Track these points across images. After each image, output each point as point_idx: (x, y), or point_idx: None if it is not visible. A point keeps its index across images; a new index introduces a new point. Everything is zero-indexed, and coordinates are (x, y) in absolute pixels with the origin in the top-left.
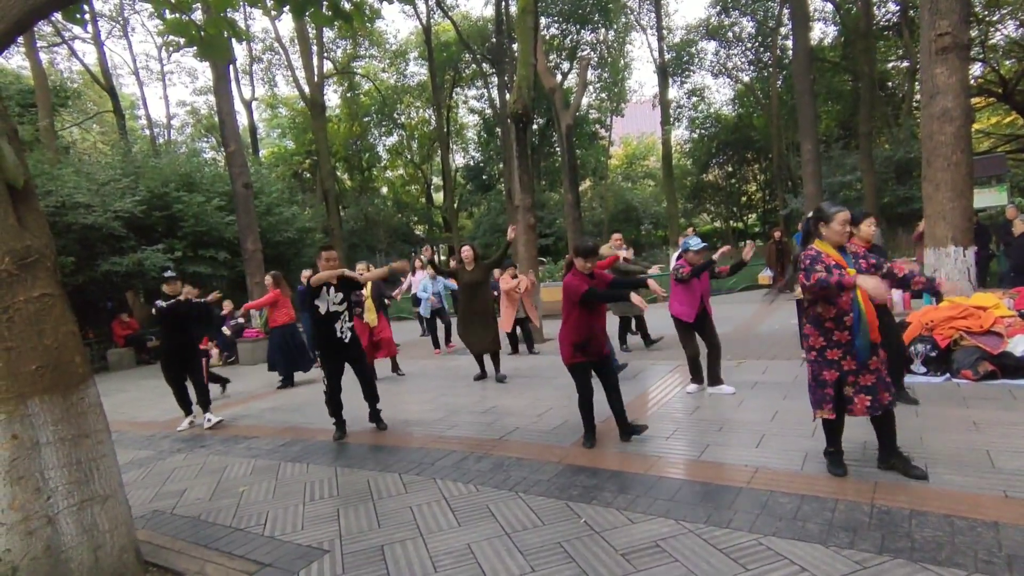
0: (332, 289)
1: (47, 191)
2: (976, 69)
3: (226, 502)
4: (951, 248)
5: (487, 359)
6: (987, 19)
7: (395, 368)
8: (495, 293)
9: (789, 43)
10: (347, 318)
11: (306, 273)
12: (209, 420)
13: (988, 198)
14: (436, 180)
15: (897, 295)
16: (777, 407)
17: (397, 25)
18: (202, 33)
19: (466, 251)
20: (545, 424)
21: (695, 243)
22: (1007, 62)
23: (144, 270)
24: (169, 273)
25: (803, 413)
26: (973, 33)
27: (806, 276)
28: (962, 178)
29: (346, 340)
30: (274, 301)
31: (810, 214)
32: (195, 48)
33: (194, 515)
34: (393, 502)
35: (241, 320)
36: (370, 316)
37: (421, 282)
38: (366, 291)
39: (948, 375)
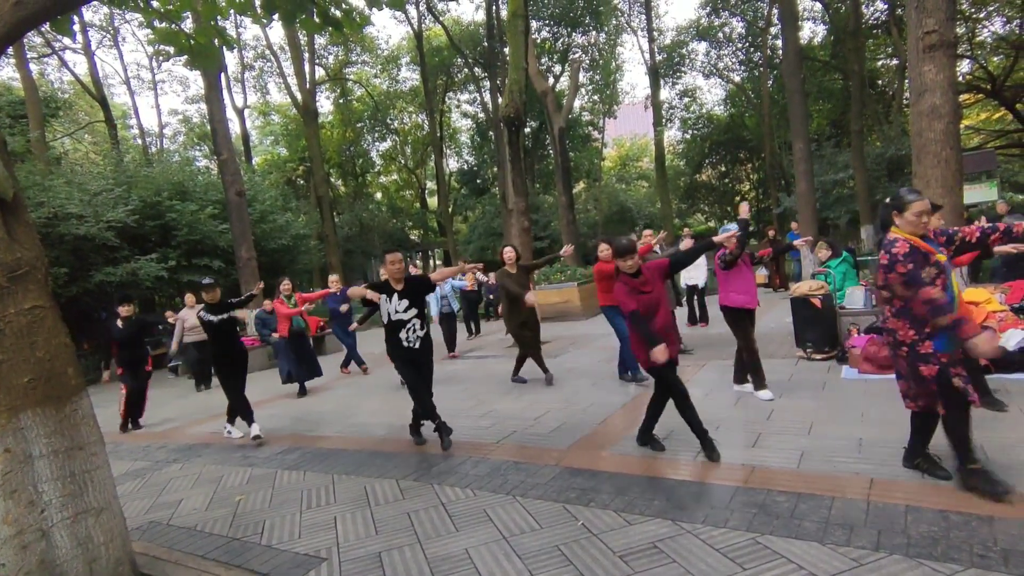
0: (395, 296)
1: (39, 202)
2: (964, 66)
3: (223, 511)
4: None
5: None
6: (974, 16)
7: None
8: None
9: (779, 43)
10: (416, 326)
11: (355, 290)
12: (229, 432)
13: (979, 194)
14: (430, 185)
15: None
16: (773, 405)
17: (388, 31)
18: (192, 42)
19: (508, 252)
20: (542, 427)
21: (725, 228)
22: (995, 58)
23: (138, 280)
24: (207, 280)
25: (799, 411)
26: (960, 30)
27: (908, 277)
28: (952, 174)
29: (415, 347)
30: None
31: (888, 200)
32: (186, 57)
33: (190, 525)
34: (390, 508)
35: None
36: None
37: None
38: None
39: None
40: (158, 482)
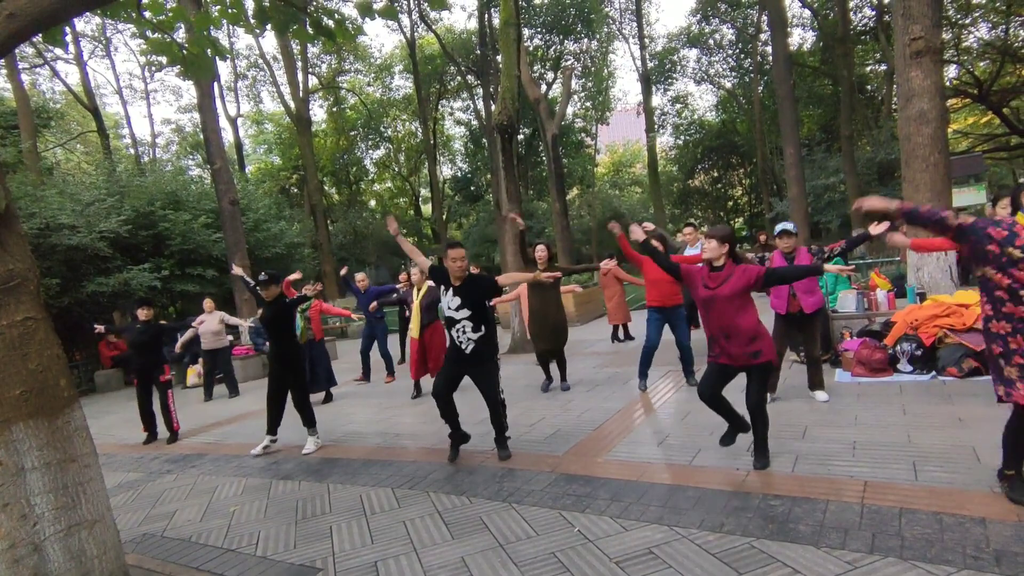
0: (450, 291)
1: (31, 213)
2: (951, 71)
3: (217, 522)
4: None
5: (553, 366)
6: (959, 22)
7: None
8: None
9: (769, 49)
10: (467, 328)
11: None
12: (311, 446)
13: (967, 197)
14: (424, 192)
15: (881, 295)
16: (768, 410)
17: (381, 39)
18: (185, 52)
19: (540, 251)
20: (538, 434)
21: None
22: (981, 63)
23: (131, 290)
24: (264, 276)
25: (793, 415)
26: (946, 36)
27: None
28: (940, 178)
29: (465, 351)
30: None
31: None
32: (179, 67)
33: (184, 537)
34: (386, 517)
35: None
36: (414, 326)
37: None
38: (415, 298)
39: (934, 373)
40: (152, 493)
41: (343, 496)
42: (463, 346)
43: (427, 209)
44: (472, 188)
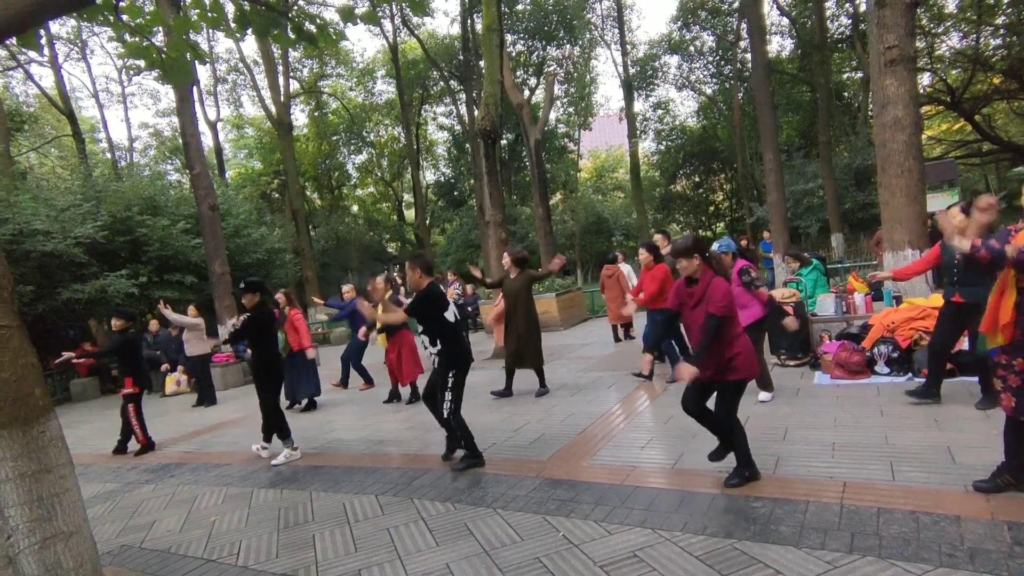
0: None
1: (3, 219)
2: (925, 79)
3: (197, 533)
4: (908, 251)
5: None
6: (933, 31)
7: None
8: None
9: (748, 56)
10: (427, 341)
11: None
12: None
13: (941, 202)
14: (407, 197)
15: (859, 298)
16: (748, 412)
17: (364, 44)
18: (163, 56)
19: (506, 258)
20: (522, 439)
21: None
22: (953, 72)
23: (107, 297)
24: (242, 284)
25: (773, 417)
26: (920, 45)
27: None
28: (915, 184)
29: (434, 364)
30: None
31: None
32: (157, 71)
33: (164, 548)
34: (370, 524)
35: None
36: (381, 337)
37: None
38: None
39: (910, 375)
40: (130, 504)
41: (326, 504)
42: (431, 359)
43: (410, 214)
44: (455, 193)
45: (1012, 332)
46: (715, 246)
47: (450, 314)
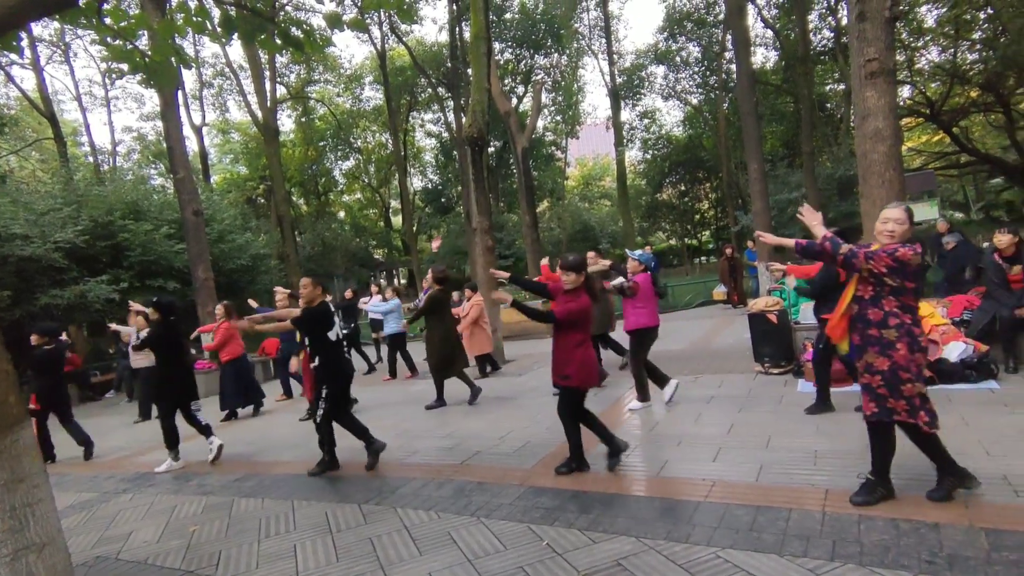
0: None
1: None
2: (905, 91)
3: (176, 543)
4: None
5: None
6: (912, 45)
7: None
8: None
9: (733, 67)
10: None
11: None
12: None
13: (920, 213)
14: (394, 203)
15: None
16: (733, 420)
17: (352, 50)
18: (148, 60)
19: (428, 275)
20: (507, 447)
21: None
22: (932, 84)
23: (87, 303)
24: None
25: (757, 425)
26: (900, 58)
27: None
28: (895, 194)
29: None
30: (230, 335)
31: None
32: (141, 75)
33: (141, 559)
34: (352, 534)
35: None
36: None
37: (372, 303)
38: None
39: None
40: (106, 514)
41: (308, 513)
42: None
43: (398, 221)
44: (443, 200)
45: (843, 334)
46: (636, 253)
47: (332, 334)
